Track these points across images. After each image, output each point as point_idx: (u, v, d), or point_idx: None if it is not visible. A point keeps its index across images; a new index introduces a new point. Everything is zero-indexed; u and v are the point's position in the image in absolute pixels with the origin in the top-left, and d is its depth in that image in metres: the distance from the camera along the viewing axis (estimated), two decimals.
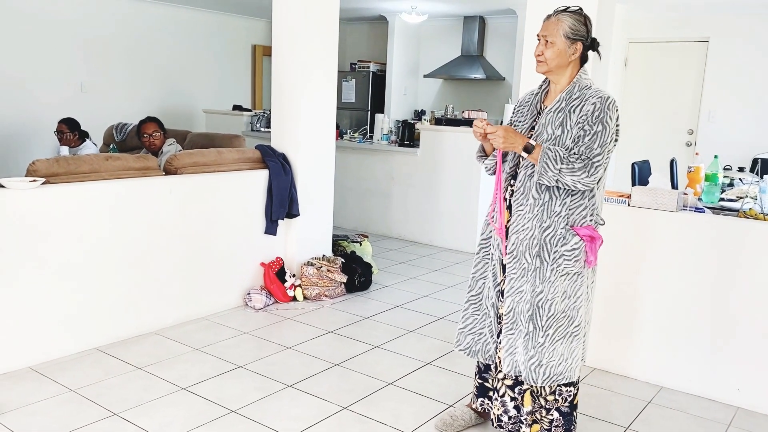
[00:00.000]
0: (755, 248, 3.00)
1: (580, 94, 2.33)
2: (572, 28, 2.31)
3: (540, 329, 2.38)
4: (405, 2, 7.84)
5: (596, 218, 2.40)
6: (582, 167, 2.24)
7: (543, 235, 2.35)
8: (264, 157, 4.41)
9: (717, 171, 3.98)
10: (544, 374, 2.40)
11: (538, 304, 2.37)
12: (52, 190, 3.27)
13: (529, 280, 2.38)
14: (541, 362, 2.39)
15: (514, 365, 2.44)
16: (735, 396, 3.11)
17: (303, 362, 3.43)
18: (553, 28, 2.32)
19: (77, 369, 3.24)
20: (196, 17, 8.84)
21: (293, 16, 4.38)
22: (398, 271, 5.30)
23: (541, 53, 2.34)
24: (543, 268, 2.36)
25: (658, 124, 7.80)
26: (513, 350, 2.44)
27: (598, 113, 2.27)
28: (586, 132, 2.27)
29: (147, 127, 4.59)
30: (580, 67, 2.39)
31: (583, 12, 2.36)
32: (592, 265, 2.39)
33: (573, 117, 2.31)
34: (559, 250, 2.34)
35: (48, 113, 6.95)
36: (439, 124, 6.55)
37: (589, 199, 2.36)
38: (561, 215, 2.33)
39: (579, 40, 2.33)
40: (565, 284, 2.37)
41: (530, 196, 2.36)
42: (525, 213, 2.37)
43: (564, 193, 2.33)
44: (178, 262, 3.87)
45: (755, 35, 7.08)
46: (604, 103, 2.28)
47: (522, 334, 2.41)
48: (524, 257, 2.38)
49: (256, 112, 7.71)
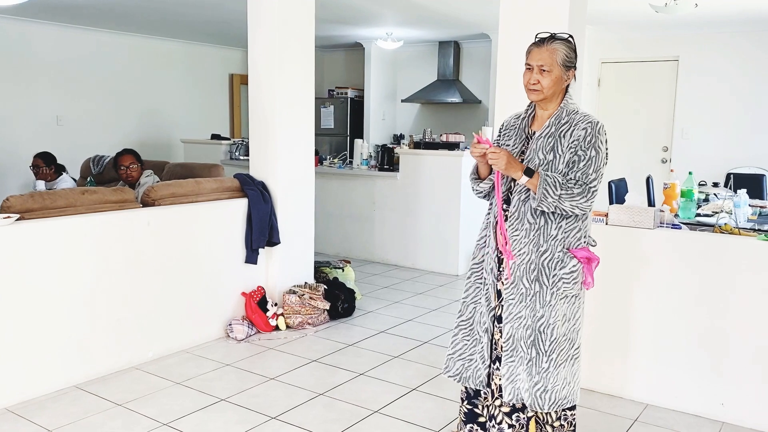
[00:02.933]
0: (732, 263, 3.03)
1: (569, 119, 2.34)
2: (567, 57, 2.33)
3: (544, 354, 2.35)
4: (380, 29, 7.94)
5: (588, 239, 2.41)
6: (580, 192, 2.26)
7: (541, 259, 2.34)
8: (243, 185, 4.40)
9: (692, 187, 4.05)
10: (550, 399, 2.37)
11: (539, 329, 2.35)
12: (27, 226, 3.22)
13: (528, 305, 2.36)
14: (546, 388, 2.36)
15: (516, 393, 2.40)
16: (720, 411, 3.12)
17: (287, 393, 3.39)
18: (548, 57, 2.31)
19: (55, 408, 3.16)
20: (172, 48, 8.85)
21: (268, 46, 4.41)
22: (382, 295, 5.29)
23: (537, 82, 2.32)
24: (543, 293, 2.35)
25: (633, 143, 7.92)
26: (514, 377, 2.39)
27: (590, 138, 2.29)
28: (580, 158, 2.29)
29: (124, 159, 4.57)
30: (566, 92, 2.40)
31: (572, 38, 2.38)
32: (589, 287, 2.39)
33: (564, 141, 2.32)
34: (558, 273, 2.34)
35: (24, 147, 6.88)
36: (418, 147, 6.60)
37: (583, 222, 2.37)
38: (558, 239, 2.33)
39: (572, 67, 2.36)
40: (565, 307, 2.37)
41: (525, 221, 2.35)
42: (521, 238, 2.35)
43: (559, 217, 2.33)
44: (158, 295, 3.82)
45: (724, 53, 7.26)
46: (594, 128, 2.30)
47: (524, 361, 2.37)
48: (522, 282, 2.36)
49: (235, 141, 7.70)
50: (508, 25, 3.66)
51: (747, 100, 7.16)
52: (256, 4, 4.43)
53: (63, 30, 7.61)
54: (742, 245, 3.03)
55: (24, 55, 7.28)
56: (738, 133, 7.24)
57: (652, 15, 6.03)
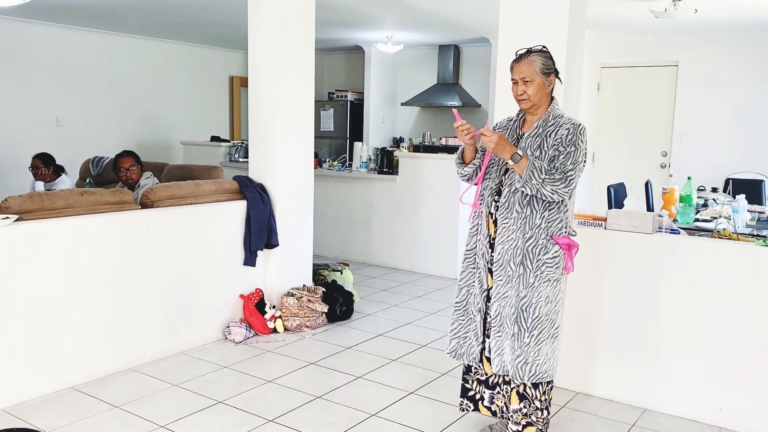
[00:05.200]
0: (730, 268, 3.04)
1: (555, 122, 2.63)
2: (544, 65, 2.62)
3: (525, 330, 2.61)
4: (381, 32, 7.95)
5: (569, 230, 2.68)
6: (560, 179, 2.52)
7: (526, 245, 2.60)
8: (242, 187, 4.39)
9: (691, 192, 4.05)
10: (530, 371, 2.61)
11: (522, 307, 2.61)
12: (26, 227, 3.21)
13: (514, 286, 2.62)
14: (527, 360, 2.61)
15: (502, 365, 2.66)
16: (718, 416, 3.11)
17: (284, 396, 3.38)
18: (528, 68, 2.60)
19: (52, 409, 3.15)
20: (172, 50, 8.86)
21: (269, 48, 4.41)
22: (380, 298, 5.28)
23: (523, 92, 2.61)
24: (526, 275, 2.61)
25: (632, 147, 7.93)
26: (501, 351, 2.66)
27: (571, 137, 2.57)
28: (560, 152, 2.56)
29: (124, 161, 4.57)
30: (551, 99, 2.69)
31: (546, 49, 2.67)
32: (570, 271, 2.66)
33: (549, 140, 2.60)
34: (542, 258, 2.60)
35: (23, 148, 6.87)
36: (418, 151, 6.62)
37: (564, 213, 2.64)
38: (541, 227, 2.60)
39: (551, 72, 2.64)
40: (548, 290, 2.63)
41: (514, 210, 2.61)
42: (509, 225, 2.62)
43: (543, 208, 2.59)
44: (156, 297, 3.82)
45: (723, 58, 7.27)
46: (576, 129, 2.60)
47: (508, 336, 2.64)
48: (509, 265, 2.63)
49: (235, 143, 7.70)
50: (508, 30, 3.66)
51: (746, 106, 7.16)
52: (257, 7, 4.44)
53: (63, 31, 7.62)
54: (740, 251, 3.03)
55: (24, 56, 7.29)
56: (737, 138, 7.24)
57: (652, 20, 6.05)
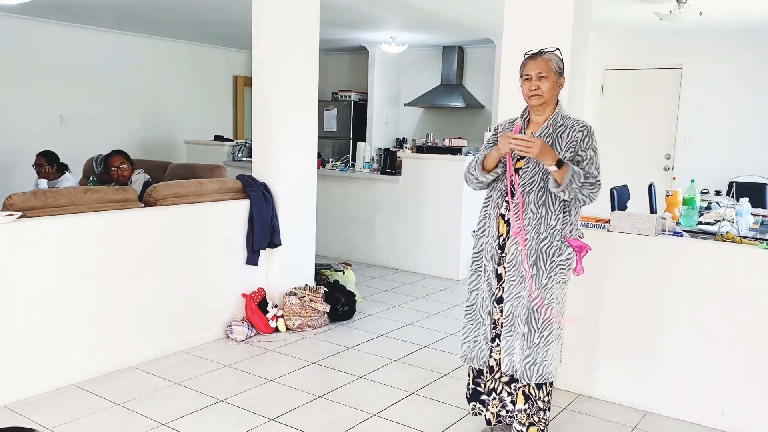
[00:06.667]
0: (733, 271, 3.03)
1: (564, 122, 2.66)
2: (558, 65, 2.67)
3: (536, 331, 2.63)
4: (385, 33, 7.95)
5: (578, 232, 2.71)
6: (594, 183, 2.58)
7: (540, 245, 2.61)
8: (245, 187, 4.40)
9: (694, 195, 4.04)
10: (537, 372, 2.63)
11: (533, 308, 2.61)
12: (29, 224, 3.22)
13: (527, 286, 2.62)
14: (535, 361, 2.63)
15: (512, 365, 2.68)
16: (719, 419, 3.10)
17: (285, 395, 3.38)
18: (544, 65, 2.62)
19: (53, 407, 3.16)
20: (176, 49, 8.88)
21: (273, 48, 4.42)
22: (382, 299, 5.28)
23: (537, 87, 2.62)
24: (539, 276, 2.62)
25: (636, 150, 7.91)
26: (511, 351, 2.67)
27: (587, 140, 2.61)
28: (582, 158, 2.60)
29: (114, 160, 4.69)
30: (557, 101, 2.71)
31: (560, 50, 2.71)
32: (579, 273, 2.65)
33: (562, 141, 2.63)
34: (556, 260, 2.61)
35: (27, 146, 6.89)
36: (421, 151, 6.61)
37: (574, 216, 2.67)
38: (556, 229, 2.61)
39: (562, 74, 2.69)
40: (559, 292, 2.66)
41: (529, 211, 2.62)
42: (524, 226, 2.63)
43: (559, 210, 2.61)
44: (158, 295, 3.82)
45: (727, 61, 7.26)
46: (590, 132, 2.64)
47: (519, 336, 2.65)
48: (523, 265, 2.63)
49: (238, 142, 7.71)
50: (512, 31, 3.65)
51: (750, 109, 7.15)
52: (261, 6, 4.44)
53: (67, 30, 7.63)
54: (743, 254, 3.03)
55: (28, 54, 7.30)
56: (741, 141, 7.23)
57: (657, 23, 6.04)
